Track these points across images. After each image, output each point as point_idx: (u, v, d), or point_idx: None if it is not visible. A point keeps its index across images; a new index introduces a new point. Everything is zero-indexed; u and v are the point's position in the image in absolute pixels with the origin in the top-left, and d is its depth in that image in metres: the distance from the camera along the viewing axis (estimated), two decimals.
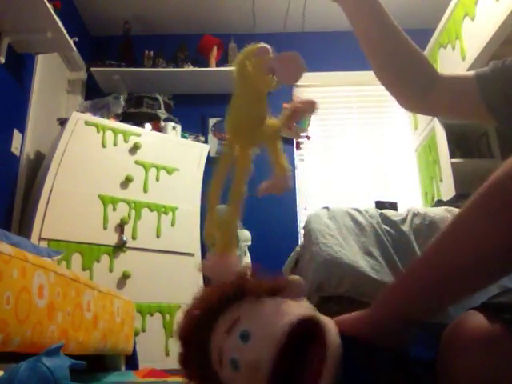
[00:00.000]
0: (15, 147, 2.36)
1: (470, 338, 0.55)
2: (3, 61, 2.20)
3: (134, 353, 1.83)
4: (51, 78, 2.84)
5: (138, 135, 2.51)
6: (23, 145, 2.44)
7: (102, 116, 2.57)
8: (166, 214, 2.44)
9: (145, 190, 2.43)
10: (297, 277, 0.64)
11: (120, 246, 2.24)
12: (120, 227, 2.28)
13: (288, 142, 3.20)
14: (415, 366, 0.60)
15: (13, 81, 2.37)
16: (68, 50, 2.51)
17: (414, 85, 0.87)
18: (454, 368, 0.55)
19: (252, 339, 0.55)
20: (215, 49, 3.21)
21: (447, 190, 2.49)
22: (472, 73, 0.82)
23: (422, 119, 2.94)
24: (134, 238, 2.30)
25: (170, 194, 2.50)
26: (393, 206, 1.94)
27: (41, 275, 1.02)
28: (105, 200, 2.28)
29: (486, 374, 0.52)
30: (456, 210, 1.68)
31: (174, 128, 2.78)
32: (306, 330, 0.56)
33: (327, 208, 1.66)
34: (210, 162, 2.88)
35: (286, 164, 0.82)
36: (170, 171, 2.54)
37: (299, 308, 0.59)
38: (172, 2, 3.15)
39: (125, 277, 2.20)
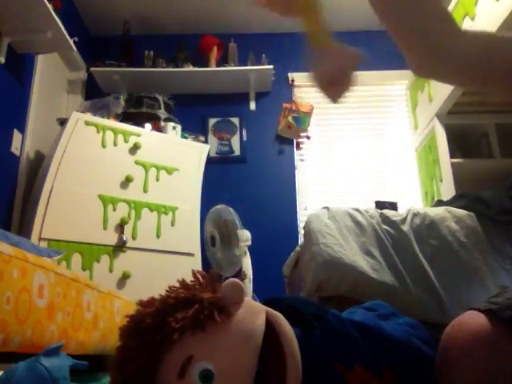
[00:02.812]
0: (15, 147, 2.36)
1: (470, 339, 0.55)
2: (3, 61, 2.20)
3: None
4: (51, 77, 2.83)
5: (138, 135, 2.51)
6: (23, 145, 2.44)
7: (102, 116, 2.56)
8: (166, 214, 2.44)
9: (145, 190, 2.42)
10: (232, 280, 0.55)
11: (120, 246, 2.24)
12: (120, 227, 2.28)
13: (288, 142, 3.21)
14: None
15: (13, 81, 2.37)
16: (68, 50, 2.51)
17: (436, 44, 0.73)
18: (455, 368, 0.55)
19: (218, 378, 0.47)
20: (215, 49, 3.21)
21: (447, 190, 2.49)
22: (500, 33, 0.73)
23: (422, 119, 2.94)
24: (134, 237, 2.30)
25: (170, 194, 2.49)
26: (393, 206, 1.94)
27: (41, 275, 1.02)
28: (105, 200, 2.28)
29: (486, 373, 0.52)
30: (456, 210, 1.68)
31: (174, 128, 2.78)
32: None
33: (327, 208, 1.66)
34: (210, 161, 2.89)
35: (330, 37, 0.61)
36: (169, 171, 2.54)
37: (252, 321, 0.52)
38: (172, 2, 3.14)
39: (125, 277, 2.20)
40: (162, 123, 2.80)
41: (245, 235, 2.66)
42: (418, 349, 0.60)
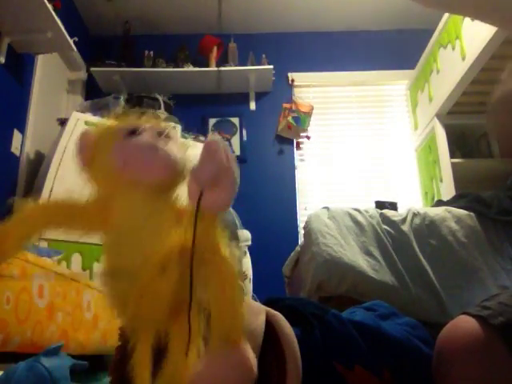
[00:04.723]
0: (15, 147, 2.36)
1: (463, 344, 0.55)
2: (3, 61, 2.20)
3: None
4: (51, 77, 2.83)
5: None
6: (23, 145, 2.44)
7: (102, 116, 2.56)
8: None
9: None
10: None
11: None
12: None
13: (288, 141, 3.21)
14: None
15: (13, 81, 2.37)
16: (68, 50, 2.51)
17: None
18: (450, 372, 0.55)
19: None
20: (215, 49, 3.21)
21: (447, 190, 2.49)
22: None
23: (422, 119, 2.94)
24: None
25: None
26: (393, 206, 1.94)
27: (41, 275, 1.02)
28: None
29: (480, 378, 0.53)
30: (456, 210, 1.68)
31: (173, 128, 2.78)
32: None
33: (327, 208, 1.66)
34: None
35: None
36: None
37: (252, 321, 0.50)
38: (172, 2, 3.14)
39: None
40: None
41: (245, 235, 2.66)
42: (417, 349, 0.60)
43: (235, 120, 3.22)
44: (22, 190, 2.41)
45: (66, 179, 2.20)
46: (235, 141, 3.17)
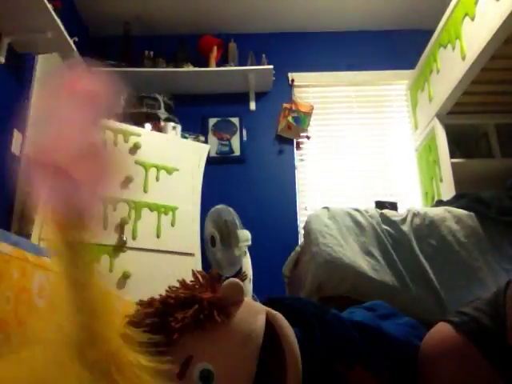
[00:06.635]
0: (15, 147, 2.36)
1: (439, 348, 0.58)
2: (3, 61, 2.20)
3: None
4: None
5: (138, 135, 2.51)
6: (23, 145, 2.44)
7: None
8: (165, 214, 2.44)
9: (145, 190, 2.42)
10: (232, 280, 0.55)
11: (120, 246, 2.24)
12: (120, 227, 2.28)
13: (288, 141, 3.21)
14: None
15: (13, 81, 2.37)
16: (68, 50, 2.51)
17: None
18: (429, 374, 0.57)
19: (217, 379, 0.46)
20: (215, 49, 3.21)
21: (447, 190, 2.49)
22: None
23: (422, 119, 2.94)
24: (134, 237, 2.30)
25: (170, 194, 2.49)
26: (393, 206, 1.94)
27: (41, 275, 1.02)
28: (105, 200, 2.27)
29: (457, 380, 0.55)
30: (456, 210, 1.68)
31: (173, 128, 2.78)
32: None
33: (327, 208, 1.66)
34: (210, 162, 2.89)
35: None
36: (169, 171, 2.54)
37: (252, 321, 0.51)
38: (172, 3, 3.14)
39: (125, 277, 2.20)
40: (162, 123, 2.80)
41: (245, 235, 2.66)
42: (417, 349, 0.61)
43: (235, 120, 3.22)
44: (23, 190, 2.41)
45: None
46: (235, 141, 3.17)
